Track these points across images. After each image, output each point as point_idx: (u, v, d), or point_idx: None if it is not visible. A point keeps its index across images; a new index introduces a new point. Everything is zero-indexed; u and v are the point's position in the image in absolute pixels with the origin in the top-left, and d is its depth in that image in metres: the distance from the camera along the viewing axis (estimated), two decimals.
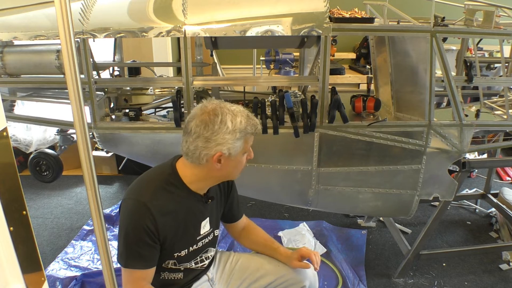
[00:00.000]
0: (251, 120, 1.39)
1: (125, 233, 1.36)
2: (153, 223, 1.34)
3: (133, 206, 1.36)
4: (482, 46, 4.25)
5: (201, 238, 1.53)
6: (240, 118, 1.35)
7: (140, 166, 3.04)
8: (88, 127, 1.03)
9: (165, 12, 1.95)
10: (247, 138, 1.39)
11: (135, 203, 1.36)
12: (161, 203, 1.37)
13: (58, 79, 2.15)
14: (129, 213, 1.36)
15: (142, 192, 1.39)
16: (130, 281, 1.39)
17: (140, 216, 1.34)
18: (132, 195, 1.39)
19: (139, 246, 1.35)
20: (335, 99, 2.01)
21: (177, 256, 1.47)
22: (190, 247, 1.50)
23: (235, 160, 1.39)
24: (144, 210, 1.34)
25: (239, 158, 1.40)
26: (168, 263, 1.48)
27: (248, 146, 1.41)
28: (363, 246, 2.74)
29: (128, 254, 1.36)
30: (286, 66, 3.82)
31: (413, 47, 2.14)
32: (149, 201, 1.35)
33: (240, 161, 1.42)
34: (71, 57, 0.92)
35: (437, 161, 2.16)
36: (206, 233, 1.54)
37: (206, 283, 1.63)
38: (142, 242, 1.35)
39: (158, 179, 1.42)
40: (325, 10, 1.89)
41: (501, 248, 2.68)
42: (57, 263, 2.51)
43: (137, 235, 1.34)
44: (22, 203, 0.93)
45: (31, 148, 3.56)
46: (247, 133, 1.37)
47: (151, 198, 1.36)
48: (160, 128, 2.09)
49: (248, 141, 1.40)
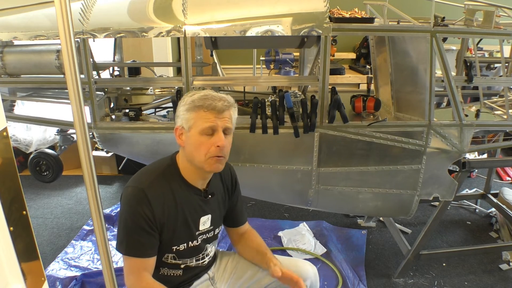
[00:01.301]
0: (207, 96, 1.39)
1: (124, 220, 1.39)
2: (150, 210, 1.37)
3: (132, 192, 1.39)
4: (482, 46, 4.25)
5: (200, 234, 1.53)
6: (197, 95, 1.40)
7: (140, 166, 3.03)
8: (88, 127, 1.03)
9: (165, 12, 1.95)
10: (198, 112, 1.37)
11: (133, 190, 1.40)
12: (158, 191, 1.40)
13: (58, 79, 2.15)
14: (127, 200, 1.39)
15: (141, 179, 1.43)
16: (131, 271, 1.40)
17: (138, 202, 1.37)
18: (132, 183, 1.43)
19: (138, 233, 1.38)
20: (335, 99, 2.01)
21: (175, 250, 1.48)
22: (189, 242, 1.50)
23: (192, 137, 1.39)
24: (141, 196, 1.37)
25: (195, 136, 1.38)
26: (167, 257, 1.49)
27: (203, 123, 1.37)
28: (363, 246, 2.74)
29: (128, 241, 1.38)
30: (286, 66, 3.82)
31: (413, 47, 2.14)
32: (147, 188, 1.39)
33: (198, 140, 1.38)
34: (71, 57, 0.92)
35: (437, 161, 2.16)
36: (206, 230, 1.54)
37: (207, 282, 1.63)
38: (140, 229, 1.37)
39: (158, 169, 1.47)
40: (325, 10, 1.89)
41: (501, 248, 2.68)
42: (57, 263, 2.51)
43: (136, 222, 1.37)
44: (22, 203, 0.93)
45: (31, 148, 3.56)
46: (195, 106, 1.38)
47: (149, 185, 1.40)
48: (160, 128, 2.09)
49: (201, 116, 1.37)
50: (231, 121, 1.44)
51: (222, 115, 1.39)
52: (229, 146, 1.45)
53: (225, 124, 1.40)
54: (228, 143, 1.43)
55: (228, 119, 1.41)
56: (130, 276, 1.40)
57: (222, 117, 1.39)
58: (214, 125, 1.38)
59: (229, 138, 1.45)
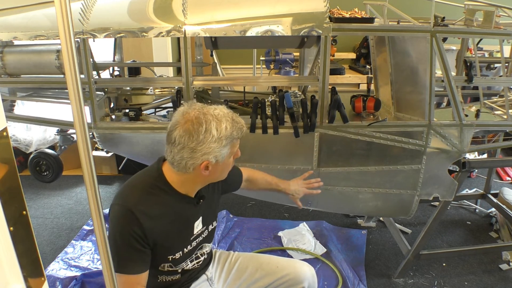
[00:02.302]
0: (236, 123, 1.33)
1: (113, 240, 1.34)
2: (140, 228, 1.32)
3: (119, 212, 1.35)
4: (482, 46, 4.25)
5: (194, 237, 1.51)
6: (225, 124, 1.30)
7: (140, 166, 3.03)
8: (88, 127, 1.03)
9: (165, 12, 1.95)
10: (233, 143, 1.36)
11: (120, 208, 1.35)
12: (147, 207, 1.35)
13: (58, 79, 2.15)
14: (115, 220, 1.36)
15: (127, 197, 1.37)
16: (124, 286, 1.36)
17: (126, 221, 1.33)
18: (118, 201, 1.38)
19: (128, 252, 1.34)
20: (335, 99, 2.01)
21: (171, 259, 1.46)
22: (184, 249, 1.48)
23: (222, 165, 1.37)
24: (129, 215, 1.32)
25: (226, 162, 1.38)
26: (163, 266, 1.46)
27: (235, 149, 1.38)
28: (363, 246, 2.74)
29: (119, 259, 1.33)
30: (286, 66, 3.82)
31: (413, 47, 2.14)
32: (134, 206, 1.33)
33: (227, 164, 1.40)
34: (71, 57, 0.91)
35: (437, 161, 2.16)
36: (199, 232, 1.52)
37: (205, 283, 1.62)
38: (131, 247, 1.33)
39: (144, 183, 1.40)
40: (325, 10, 1.89)
41: (501, 248, 2.68)
42: (57, 263, 2.51)
43: (125, 241, 1.33)
44: (22, 203, 0.93)
45: (31, 148, 3.56)
46: (233, 139, 1.33)
47: (136, 203, 1.34)
48: (160, 128, 2.09)
49: (235, 145, 1.38)
50: None
51: None
52: None
53: None
54: None
55: None
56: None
57: None
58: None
59: None
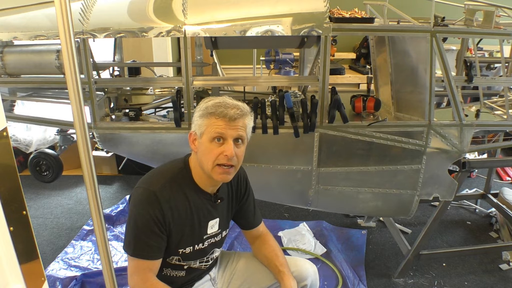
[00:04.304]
0: (220, 103, 1.36)
1: (133, 221, 1.37)
2: (161, 213, 1.36)
3: (143, 194, 1.38)
4: (482, 46, 4.25)
5: (208, 237, 1.52)
6: (213, 101, 1.38)
7: (140, 166, 3.05)
8: (88, 127, 1.03)
9: (165, 12, 1.95)
10: (210, 119, 1.35)
11: (144, 191, 1.39)
12: (169, 195, 1.39)
13: (58, 79, 2.15)
14: (138, 201, 1.39)
15: (152, 181, 1.41)
16: (136, 271, 1.39)
17: (149, 204, 1.36)
18: (143, 184, 1.42)
19: (147, 236, 1.37)
20: (335, 99, 2.01)
21: (181, 253, 1.47)
22: (195, 245, 1.49)
23: (203, 143, 1.37)
24: (153, 199, 1.36)
25: (205, 142, 1.36)
26: (172, 258, 1.48)
27: (213, 130, 1.35)
28: (363, 246, 2.74)
29: (136, 243, 1.37)
30: (286, 66, 3.82)
31: (413, 47, 2.14)
32: (159, 190, 1.37)
33: (208, 147, 1.36)
34: (71, 57, 0.92)
35: (437, 161, 2.16)
36: (213, 234, 1.53)
37: (208, 283, 1.63)
38: (149, 231, 1.36)
39: (170, 172, 1.45)
40: (325, 10, 1.89)
41: (501, 248, 2.68)
42: (57, 263, 2.51)
43: (145, 224, 1.36)
44: (22, 203, 0.93)
45: (31, 148, 3.56)
46: (208, 112, 1.36)
47: (161, 188, 1.38)
48: (160, 128, 2.09)
49: (212, 123, 1.35)
50: (245, 129, 1.39)
51: (234, 123, 1.35)
52: (241, 156, 1.40)
53: (237, 132, 1.36)
54: (239, 153, 1.39)
55: (241, 127, 1.36)
56: (134, 276, 1.39)
57: (234, 125, 1.35)
58: (223, 133, 1.34)
59: (242, 148, 1.40)
